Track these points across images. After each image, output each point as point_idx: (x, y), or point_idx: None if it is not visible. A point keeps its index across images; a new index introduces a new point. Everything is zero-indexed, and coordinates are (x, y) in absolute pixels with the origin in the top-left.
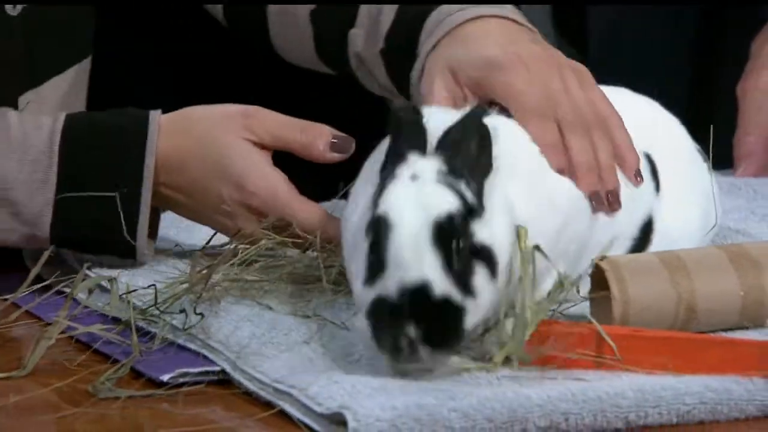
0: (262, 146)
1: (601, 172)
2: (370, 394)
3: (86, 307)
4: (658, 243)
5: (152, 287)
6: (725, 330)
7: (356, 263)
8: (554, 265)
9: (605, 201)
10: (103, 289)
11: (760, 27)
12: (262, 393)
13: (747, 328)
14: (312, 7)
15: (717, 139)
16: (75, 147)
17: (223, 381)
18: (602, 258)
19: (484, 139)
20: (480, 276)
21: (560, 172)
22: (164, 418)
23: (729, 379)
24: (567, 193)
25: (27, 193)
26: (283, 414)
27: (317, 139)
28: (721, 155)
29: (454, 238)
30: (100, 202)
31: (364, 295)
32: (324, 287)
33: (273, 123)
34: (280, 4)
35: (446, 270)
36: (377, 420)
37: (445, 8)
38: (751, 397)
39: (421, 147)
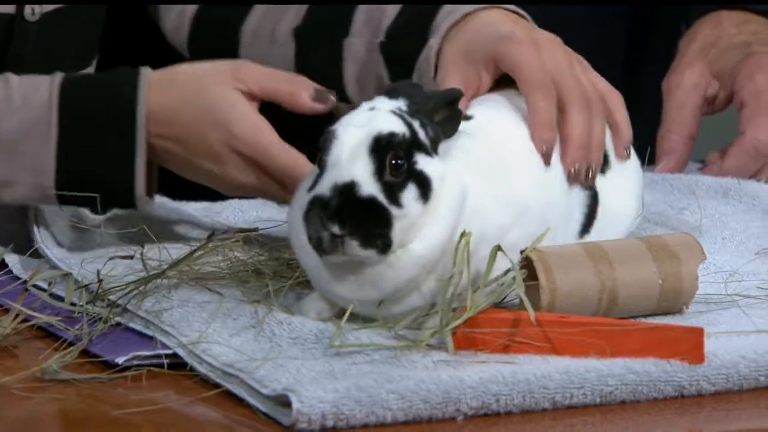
0: (251, 96)
1: (590, 147)
2: (314, 378)
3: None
4: (601, 217)
5: (99, 275)
6: (645, 316)
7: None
8: (514, 267)
9: (583, 176)
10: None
11: (689, 26)
12: (212, 376)
13: (665, 314)
14: (295, 24)
15: (637, 136)
16: (72, 101)
17: (175, 364)
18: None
19: (454, 109)
20: (410, 192)
21: (541, 151)
22: (119, 400)
23: (649, 361)
24: (524, 198)
25: (34, 145)
26: (232, 396)
27: (302, 88)
28: (641, 151)
29: (390, 152)
30: (99, 152)
31: (304, 199)
32: (268, 277)
33: (260, 74)
34: (254, 27)
35: (376, 177)
36: (320, 402)
37: (451, 6)
38: (668, 379)
39: (392, 96)
